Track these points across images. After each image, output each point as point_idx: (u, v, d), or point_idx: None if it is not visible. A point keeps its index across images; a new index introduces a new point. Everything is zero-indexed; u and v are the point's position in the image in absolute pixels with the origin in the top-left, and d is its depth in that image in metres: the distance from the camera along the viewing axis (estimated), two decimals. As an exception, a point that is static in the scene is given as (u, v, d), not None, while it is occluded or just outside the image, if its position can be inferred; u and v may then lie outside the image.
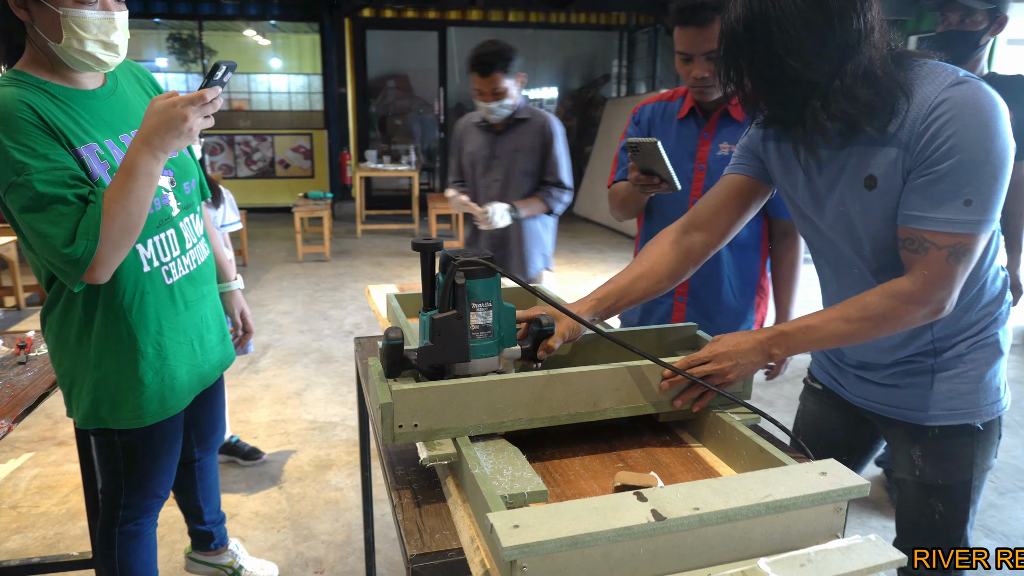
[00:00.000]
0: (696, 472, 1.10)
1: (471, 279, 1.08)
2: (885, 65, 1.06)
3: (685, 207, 1.88)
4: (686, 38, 1.70)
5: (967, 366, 1.23)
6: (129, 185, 1.26)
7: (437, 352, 1.08)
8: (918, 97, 1.06)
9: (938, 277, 1.08)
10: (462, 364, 1.11)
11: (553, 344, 1.19)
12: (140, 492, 1.61)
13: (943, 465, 1.27)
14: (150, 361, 1.47)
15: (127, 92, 1.49)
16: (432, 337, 1.07)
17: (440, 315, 1.07)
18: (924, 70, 1.09)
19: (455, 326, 1.07)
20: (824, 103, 1.06)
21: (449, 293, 1.07)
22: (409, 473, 1.13)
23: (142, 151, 1.26)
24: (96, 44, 1.31)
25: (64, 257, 1.24)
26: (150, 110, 1.27)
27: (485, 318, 1.10)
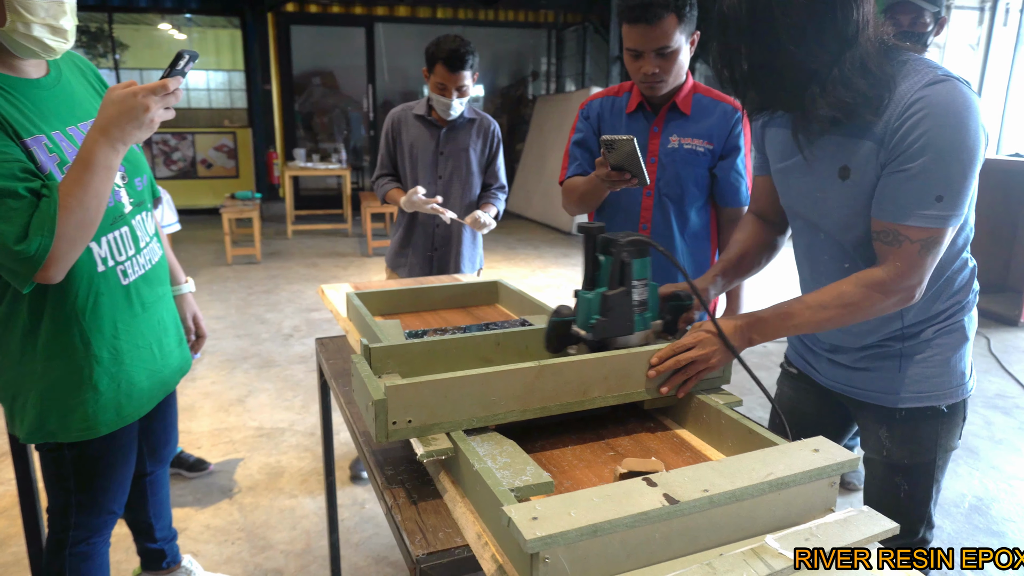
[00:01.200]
0: (686, 457, 1.12)
1: (633, 258, 1.17)
2: (878, 59, 1.11)
3: (639, 199, 1.92)
4: (635, 35, 1.72)
5: (934, 351, 1.29)
6: (86, 178, 1.19)
7: (609, 326, 1.17)
8: (898, 93, 1.11)
9: (910, 268, 1.13)
10: (624, 337, 1.20)
11: (693, 316, 1.30)
12: (93, 509, 1.51)
13: (909, 446, 1.33)
14: (105, 366, 1.39)
15: (72, 83, 1.40)
16: (604, 312, 1.16)
17: (612, 292, 1.17)
18: (908, 66, 1.14)
19: (624, 302, 1.18)
20: (822, 90, 1.10)
21: (618, 271, 1.17)
22: (399, 472, 1.11)
23: (100, 142, 1.19)
24: (43, 28, 1.23)
25: (15, 255, 1.16)
26: (107, 99, 1.20)
27: (643, 294, 1.21)
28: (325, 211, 9.06)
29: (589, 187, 1.84)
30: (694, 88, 1.91)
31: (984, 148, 1.10)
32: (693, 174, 1.90)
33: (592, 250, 1.21)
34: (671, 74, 1.78)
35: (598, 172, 1.68)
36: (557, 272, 6.34)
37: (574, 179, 1.95)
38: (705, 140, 1.88)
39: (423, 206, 2.43)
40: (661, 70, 1.76)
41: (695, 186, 1.91)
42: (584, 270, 1.22)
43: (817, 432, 1.49)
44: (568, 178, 1.98)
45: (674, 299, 1.30)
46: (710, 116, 1.88)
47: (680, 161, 1.88)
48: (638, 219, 1.93)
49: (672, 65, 1.76)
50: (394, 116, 2.60)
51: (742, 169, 1.92)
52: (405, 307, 1.87)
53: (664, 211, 1.92)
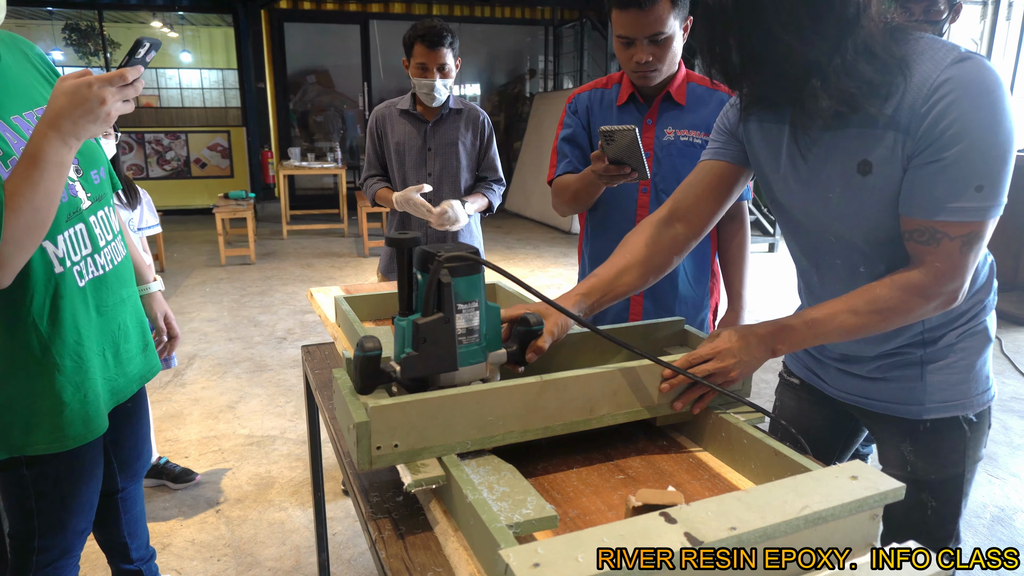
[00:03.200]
0: (704, 480, 1.01)
1: (455, 276, 0.95)
2: (884, 40, 0.99)
3: (635, 197, 1.82)
4: (627, 21, 1.61)
5: (957, 356, 1.19)
6: (36, 175, 1.08)
7: (422, 362, 0.95)
8: (917, 76, 0.99)
9: (952, 268, 1.02)
10: (448, 373, 0.98)
11: (543, 345, 1.08)
12: (58, 530, 1.40)
13: (935, 460, 1.23)
14: (68, 376, 1.28)
15: (14, 69, 1.27)
16: (416, 345, 0.94)
17: (425, 319, 0.93)
18: (921, 45, 1.02)
19: (442, 331, 0.94)
20: (824, 82, 0.98)
21: (434, 294, 0.94)
22: (386, 500, 1.00)
23: (50, 136, 1.08)
24: None
25: None
26: (58, 90, 1.08)
27: (471, 320, 0.98)
28: (321, 211, 8.95)
29: (583, 184, 1.73)
30: (688, 77, 1.80)
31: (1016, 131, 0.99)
32: (690, 167, 1.76)
33: (408, 267, 0.98)
34: (665, 62, 1.68)
35: (595, 167, 1.57)
36: (557, 272, 6.24)
37: (565, 177, 1.84)
38: (702, 131, 1.77)
39: (419, 208, 2.31)
40: (655, 58, 1.65)
41: None
42: (399, 292, 0.99)
43: (823, 446, 1.40)
44: (557, 176, 1.87)
45: (521, 323, 1.06)
46: (706, 106, 1.78)
47: (677, 154, 1.77)
48: (634, 217, 1.82)
49: (666, 53, 1.66)
50: (378, 114, 2.48)
51: None
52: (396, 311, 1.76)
53: None
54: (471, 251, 0.97)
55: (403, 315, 0.98)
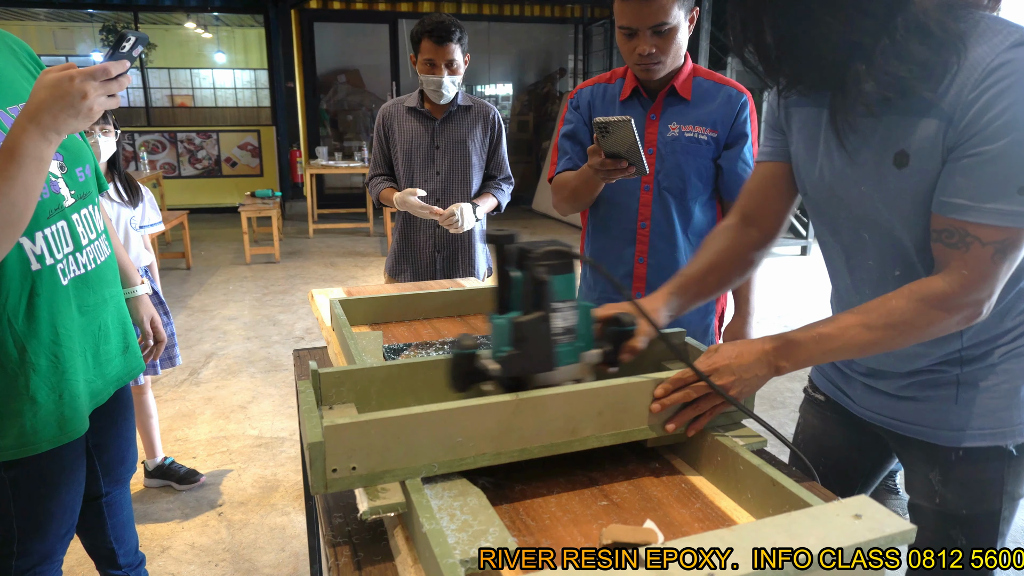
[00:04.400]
0: (694, 510, 0.92)
1: (553, 275, 0.93)
2: (939, 16, 0.88)
3: (637, 195, 1.74)
4: (629, 11, 1.54)
5: (999, 378, 1.06)
6: (12, 170, 1.05)
7: (521, 360, 0.93)
8: (971, 59, 0.88)
9: (979, 277, 0.91)
10: (544, 373, 0.96)
11: (638, 345, 1.04)
12: (38, 536, 1.36)
13: (968, 493, 1.10)
14: (44, 375, 1.24)
15: (1, 64, 1.25)
16: (516, 343, 0.92)
17: (524, 318, 0.92)
18: (981, 25, 0.90)
19: (540, 330, 0.93)
20: (869, 65, 0.88)
21: (532, 292, 0.92)
22: (349, 523, 0.93)
23: (29, 130, 1.05)
24: None
25: None
26: (40, 83, 1.05)
27: (568, 319, 0.96)
28: (347, 210, 8.98)
29: (581, 181, 1.66)
30: (694, 71, 1.72)
31: None
32: (696, 165, 1.70)
33: (502, 265, 0.96)
34: (669, 55, 1.60)
35: (591, 162, 1.49)
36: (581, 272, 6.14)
37: (564, 174, 1.76)
38: (708, 127, 1.69)
39: (418, 210, 2.25)
40: (658, 50, 1.57)
41: (698, 178, 1.71)
42: (496, 290, 0.98)
43: (849, 471, 1.28)
44: (558, 173, 1.79)
45: (614, 323, 1.05)
46: (712, 101, 1.69)
47: (681, 151, 1.69)
48: (636, 216, 1.74)
49: (670, 45, 1.58)
50: (385, 111, 2.42)
51: (750, 159, 1.72)
52: (396, 315, 1.70)
53: (665, 207, 1.73)
54: (566, 247, 0.94)
55: (500, 313, 0.96)
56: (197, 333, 4.39)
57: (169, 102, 11.53)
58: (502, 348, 0.93)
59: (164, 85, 11.31)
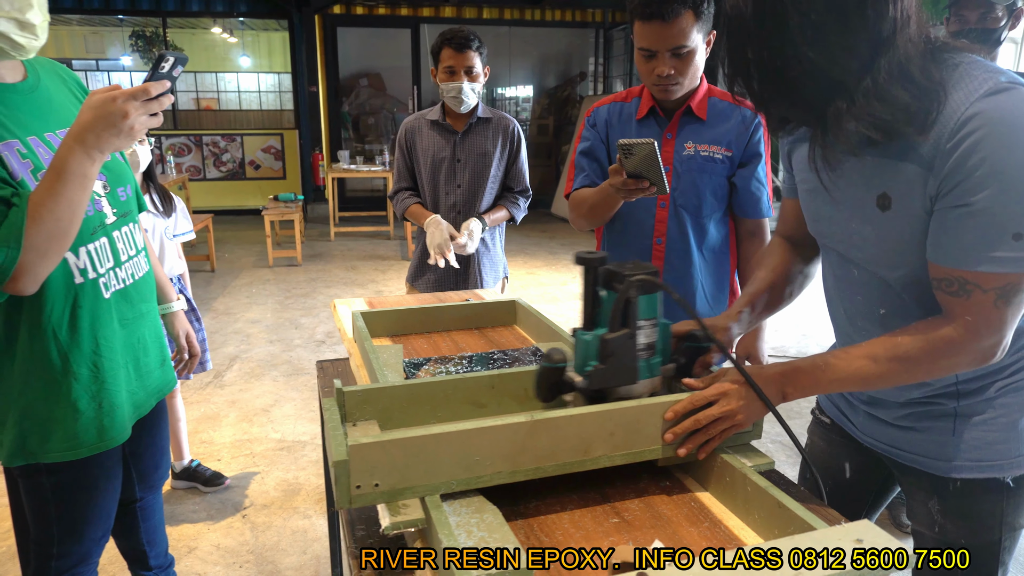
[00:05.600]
0: (703, 528, 0.96)
1: (640, 295, 1.01)
2: (923, 63, 0.89)
3: (653, 212, 1.78)
4: (650, 33, 1.57)
5: (996, 412, 1.07)
6: (59, 187, 1.12)
7: (608, 374, 1.01)
8: (949, 105, 0.89)
9: (985, 324, 0.92)
10: (627, 386, 1.04)
11: (711, 360, 1.10)
12: (75, 538, 1.43)
13: (967, 523, 1.12)
14: (85, 384, 1.31)
15: (51, 90, 1.33)
16: (603, 358, 1.00)
17: (612, 335, 0.99)
18: (960, 70, 0.91)
19: (626, 346, 1.01)
20: (850, 104, 0.89)
21: (620, 311, 1.00)
22: (372, 534, 0.97)
23: (75, 150, 1.12)
24: (9, 23, 1.15)
25: None
26: (86, 105, 1.12)
27: (650, 336, 1.04)
28: (369, 213, 9.07)
29: (600, 198, 1.69)
30: (709, 92, 1.75)
31: None
32: (711, 183, 1.74)
33: (592, 284, 1.04)
34: (687, 76, 1.63)
35: (612, 181, 1.52)
36: (598, 279, 6.16)
37: (582, 191, 1.80)
38: (723, 147, 1.72)
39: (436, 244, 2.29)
40: (676, 71, 1.61)
41: (713, 196, 1.75)
42: (583, 307, 1.06)
43: (854, 493, 1.31)
44: (575, 190, 1.83)
45: (690, 339, 1.12)
46: (727, 121, 1.73)
47: (697, 169, 1.73)
48: (652, 232, 1.78)
49: (688, 67, 1.62)
50: (407, 125, 2.48)
51: (763, 178, 1.76)
52: (416, 327, 1.75)
53: (680, 223, 1.76)
54: (653, 271, 1.00)
55: (586, 329, 1.04)
56: (221, 336, 4.48)
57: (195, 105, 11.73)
58: (590, 362, 1.01)
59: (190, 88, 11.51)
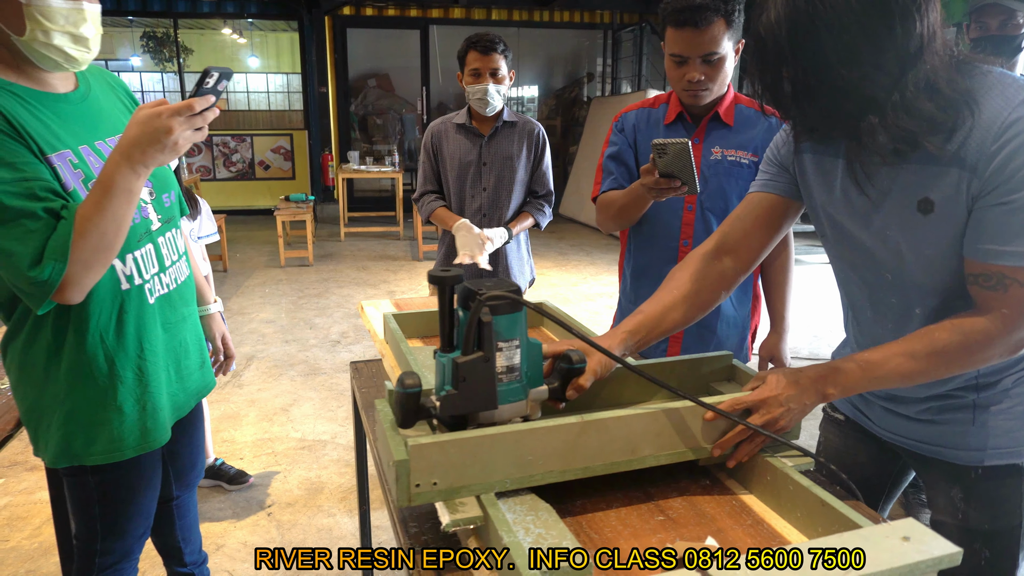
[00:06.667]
0: (747, 526, 0.99)
1: (496, 315, 0.95)
2: (948, 75, 0.94)
3: (679, 214, 1.81)
4: (682, 40, 1.61)
5: (1013, 401, 1.12)
6: (105, 202, 1.14)
7: (462, 400, 0.95)
8: (987, 112, 0.94)
9: (1021, 315, 0.97)
10: (487, 412, 0.98)
11: (585, 383, 1.07)
12: (118, 535, 1.47)
13: (989, 508, 1.16)
14: (130, 387, 1.34)
15: (100, 98, 1.36)
16: (456, 383, 0.94)
17: (465, 358, 0.94)
18: (990, 80, 0.97)
19: (482, 370, 0.95)
20: (882, 118, 0.94)
21: (474, 332, 0.94)
22: (425, 531, 1.00)
23: (121, 165, 1.14)
24: (64, 36, 1.19)
25: (29, 279, 1.12)
26: (133, 120, 1.14)
27: (512, 358, 0.98)
28: (378, 213, 9.12)
29: (630, 199, 1.73)
30: (736, 99, 1.80)
31: None
32: (737, 187, 1.77)
33: (448, 304, 0.98)
34: (716, 82, 1.68)
35: (644, 180, 1.56)
36: (610, 280, 6.19)
37: (611, 193, 1.84)
38: (750, 152, 1.77)
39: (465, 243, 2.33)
40: (707, 78, 1.65)
41: (739, 199, 1.77)
42: (440, 327, 0.99)
43: (870, 486, 1.34)
44: (603, 192, 1.87)
45: (564, 360, 1.06)
46: (753, 127, 1.77)
47: (724, 173, 1.77)
48: (679, 234, 1.82)
49: (718, 73, 1.66)
50: (434, 129, 2.51)
51: None
52: (445, 329, 1.78)
53: (707, 226, 1.80)
54: (512, 288, 0.96)
55: (444, 351, 0.98)
56: (237, 336, 4.52)
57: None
58: (445, 387, 0.95)
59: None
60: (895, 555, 0.78)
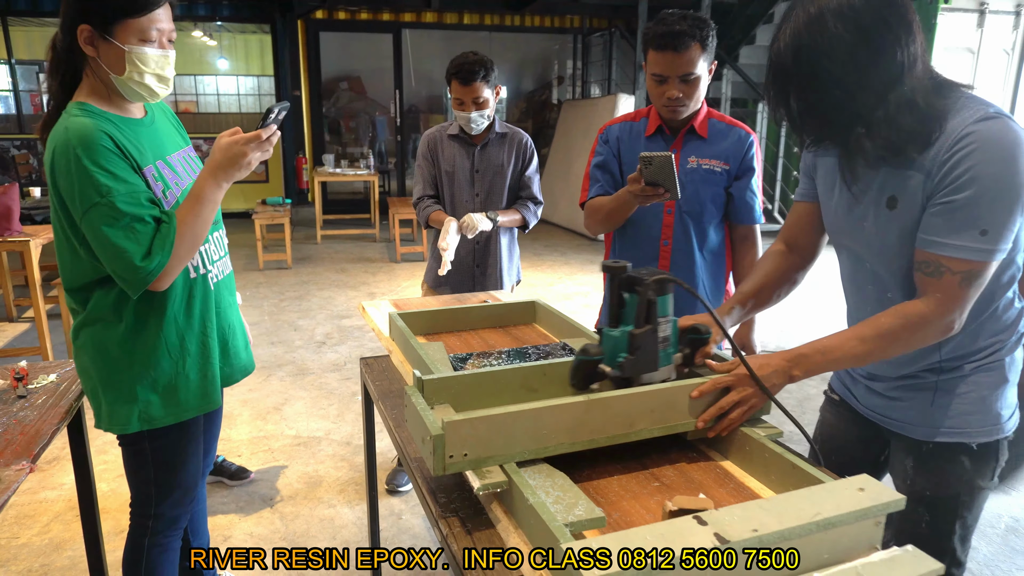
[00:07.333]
0: (730, 489, 1.15)
1: (659, 296, 1.18)
2: (926, 95, 1.13)
3: (660, 217, 2.00)
4: (663, 61, 1.82)
5: (970, 387, 1.29)
6: (198, 209, 1.45)
7: (636, 364, 1.19)
8: (948, 127, 1.14)
9: (950, 300, 1.15)
10: (649, 373, 1.22)
11: (710, 350, 1.29)
12: (170, 498, 1.65)
13: (933, 478, 1.34)
14: (195, 358, 1.60)
15: (160, 122, 1.62)
16: (632, 350, 1.18)
17: (639, 330, 1.18)
18: (960, 101, 1.16)
19: (650, 339, 1.19)
20: (868, 129, 1.14)
21: (644, 310, 1.18)
22: (452, 500, 1.15)
23: (209, 180, 1.45)
24: (152, 77, 1.46)
25: (139, 269, 1.39)
26: (216, 146, 1.45)
27: (667, 330, 1.22)
28: (353, 215, 9.18)
29: (617, 204, 1.91)
30: (709, 113, 2.00)
31: None
32: (711, 192, 1.98)
33: (617, 289, 1.23)
34: (692, 99, 1.88)
35: (631, 188, 1.75)
36: (584, 279, 6.37)
37: (598, 199, 2.03)
38: (722, 161, 1.97)
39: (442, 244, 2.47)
40: (684, 95, 1.86)
41: (712, 204, 1.99)
42: (608, 308, 1.24)
43: (857, 459, 1.53)
44: (590, 199, 2.06)
45: (693, 332, 1.30)
46: (725, 139, 1.98)
47: (699, 180, 1.97)
48: (659, 235, 2.01)
49: (694, 91, 1.86)
50: (430, 137, 2.65)
51: (756, 189, 2.01)
52: (446, 327, 1.92)
53: (685, 228, 2.00)
54: (668, 276, 1.19)
55: (612, 327, 1.21)
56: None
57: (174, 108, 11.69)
58: (620, 354, 1.19)
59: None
60: (852, 502, 0.95)
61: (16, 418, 1.53)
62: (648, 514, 1.08)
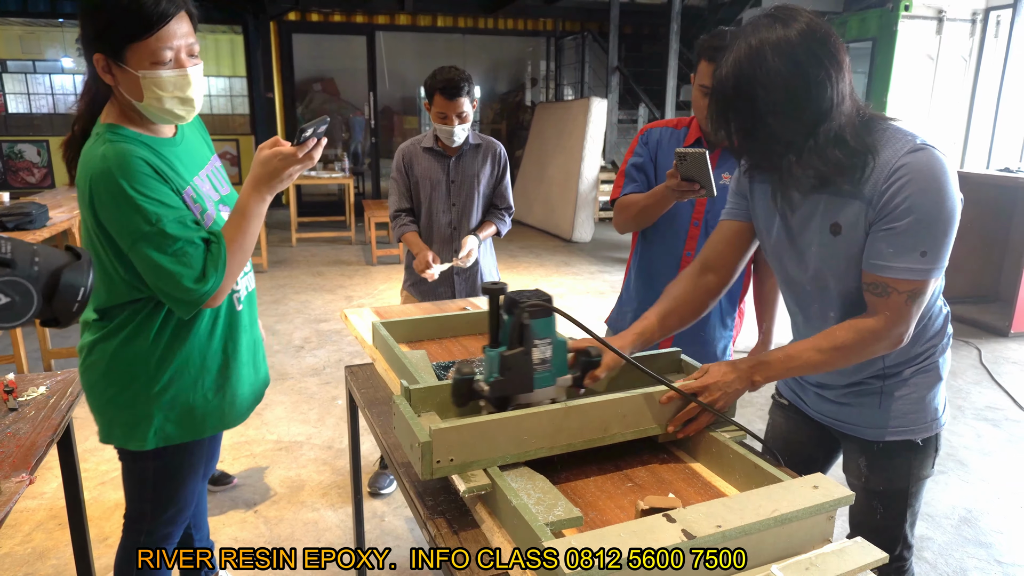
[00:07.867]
0: (698, 487, 1.24)
1: (533, 319, 1.22)
2: (854, 130, 1.23)
3: (686, 229, 2.05)
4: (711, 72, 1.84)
5: (911, 389, 1.41)
6: (244, 225, 1.46)
7: (506, 385, 1.23)
8: (881, 159, 1.23)
9: (899, 316, 1.26)
10: (525, 394, 1.25)
11: (600, 374, 1.33)
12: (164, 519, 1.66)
13: (885, 474, 1.46)
14: (214, 377, 1.60)
15: (190, 137, 1.60)
16: (502, 372, 1.21)
17: (509, 352, 1.21)
18: (887, 134, 1.26)
19: (522, 361, 1.22)
20: (798, 158, 1.22)
21: (516, 332, 1.21)
22: (439, 503, 1.23)
23: (253, 196, 1.44)
24: (173, 100, 1.42)
25: (193, 291, 1.39)
26: (256, 161, 1.44)
27: (544, 352, 1.25)
28: (328, 218, 9.17)
29: (652, 201, 1.94)
30: None
31: (960, 207, 1.23)
32: None
33: (496, 310, 1.25)
34: None
35: (669, 183, 1.79)
36: (559, 281, 6.47)
37: (631, 196, 2.04)
38: None
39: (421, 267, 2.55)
40: None
41: None
42: (489, 328, 1.26)
43: (809, 459, 1.64)
44: (624, 195, 2.08)
45: (584, 355, 1.33)
46: None
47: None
48: (683, 246, 2.05)
49: None
50: (404, 151, 2.69)
51: None
52: (428, 335, 1.99)
53: None
54: (547, 299, 1.23)
55: (492, 347, 1.24)
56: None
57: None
58: (493, 374, 1.22)
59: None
60: (807, 498, 1.04)
61: (10, 431, 1.56)
62: (622, 513, 1.17)
